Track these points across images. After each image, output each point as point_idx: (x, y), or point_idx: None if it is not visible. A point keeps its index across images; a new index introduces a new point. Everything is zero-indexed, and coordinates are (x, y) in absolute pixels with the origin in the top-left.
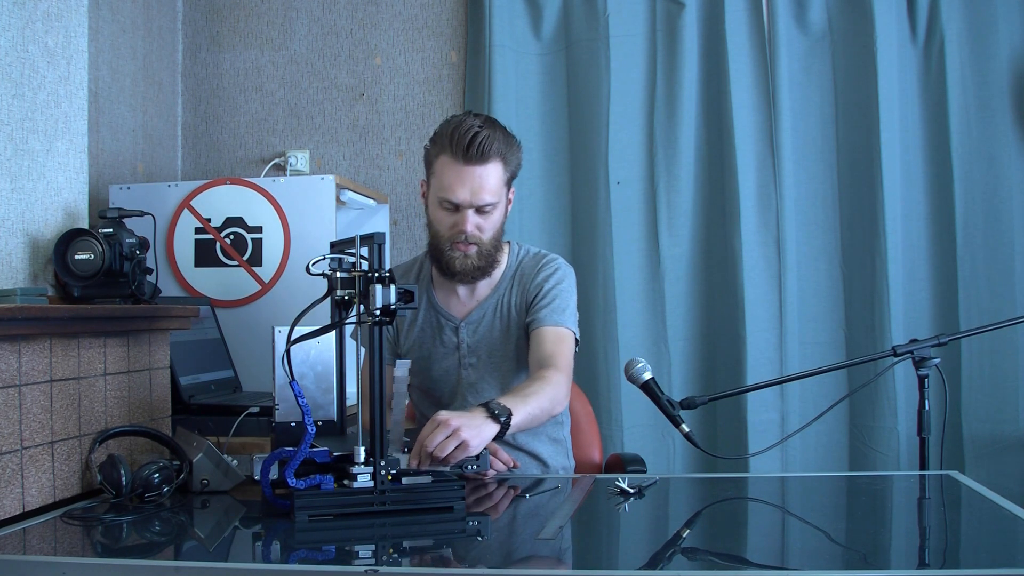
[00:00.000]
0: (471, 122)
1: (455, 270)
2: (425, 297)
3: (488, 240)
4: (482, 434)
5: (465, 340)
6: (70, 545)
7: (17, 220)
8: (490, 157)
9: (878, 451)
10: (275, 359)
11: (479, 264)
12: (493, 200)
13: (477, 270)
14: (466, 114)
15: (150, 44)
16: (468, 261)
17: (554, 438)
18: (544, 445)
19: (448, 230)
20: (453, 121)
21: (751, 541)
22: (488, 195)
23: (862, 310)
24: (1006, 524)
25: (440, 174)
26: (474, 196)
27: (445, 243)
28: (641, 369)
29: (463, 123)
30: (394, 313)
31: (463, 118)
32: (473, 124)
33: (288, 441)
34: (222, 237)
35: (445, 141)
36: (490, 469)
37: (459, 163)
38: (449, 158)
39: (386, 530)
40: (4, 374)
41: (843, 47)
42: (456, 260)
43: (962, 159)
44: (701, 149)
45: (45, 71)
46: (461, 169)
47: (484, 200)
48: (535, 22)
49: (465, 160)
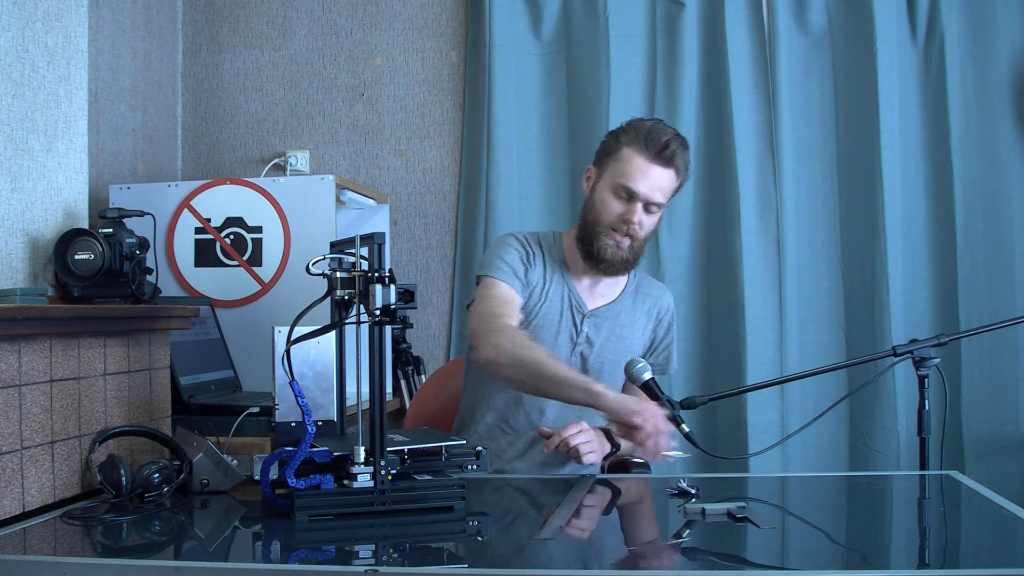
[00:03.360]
0: (665, 128)
1: (605, 257)
2: (560, 273)
3: (641, 239)
4: (603, 448)
5: (586, 330)
6: (70, 545)
7: (17, 220)
8: (675, 164)
9: (878, 451)
10: (275, 359)
11: (627, 257)
12: (663, 202)
13: (624, 263)
14: (653, 120)
15: (150, 44)
16: (620, 252)
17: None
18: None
19: (615, 217)
20: (648, 122)
21: (751, 541)
22: (661, 196)
23: (862, 310)
24: (1006, 524)
25: (625, 162)
26: (651, 192)
27: (604, 228)
28: (641, 369)
29: (658, 126)
30: (394, 313)
31: (655, 122)
32: (668, 131)
33: (288, 441)
34: (222, 237)
35: (638, 137)
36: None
37: (648, 159)
38: (639, 151)
39: (386, 530)
40: (4, 374)
41: (843, 47)
42: (609, 247)
43: (962, 159)
44: (701, 149)
45: (45, 71)
46: (649, 165)
47: (657, 199)
48: (535, 22)
49: (654, 158)
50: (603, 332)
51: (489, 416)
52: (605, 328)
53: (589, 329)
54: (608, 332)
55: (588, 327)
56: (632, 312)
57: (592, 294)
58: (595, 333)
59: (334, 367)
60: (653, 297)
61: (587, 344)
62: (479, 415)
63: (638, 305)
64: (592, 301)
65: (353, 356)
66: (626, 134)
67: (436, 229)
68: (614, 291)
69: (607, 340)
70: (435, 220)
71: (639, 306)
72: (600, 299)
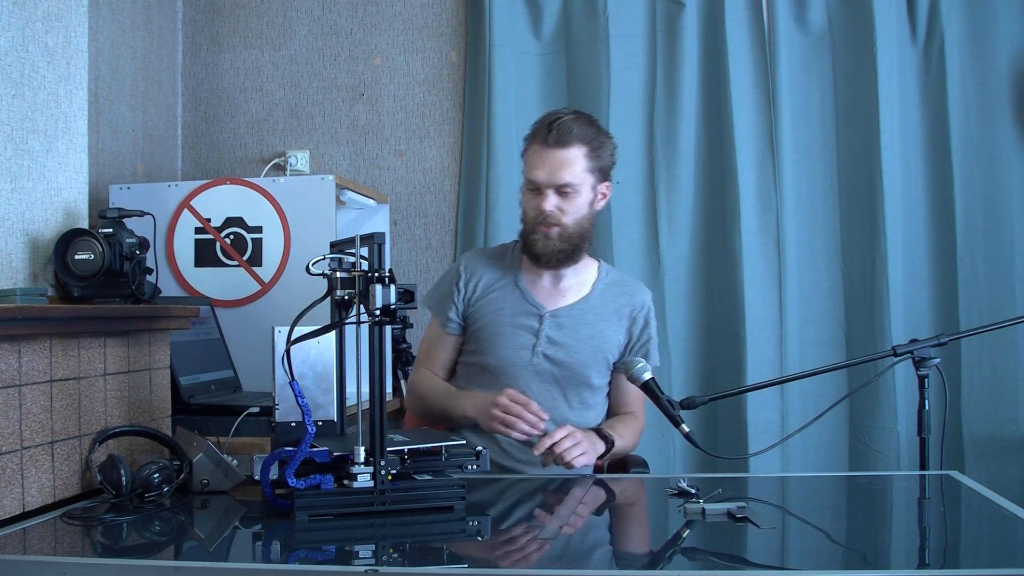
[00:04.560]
0: (559, 112)
1: (537, 251)
2: (512, 278)
3: (571, 224)
4: (596, 449)
5: (546, 331)
6: (70, 545)
7: (17, 220)
8: (570, 141)
9: (878, 451)
10: (275, 359)
11: (561, 247)
12: (572, 181)
13: (560, 252)
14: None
15: (150, 44)
16: (550, 243)
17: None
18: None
19: (532, 211)
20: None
21: (751, 541)
22: (567, 175)
23: (862, 310)
24: (1006, 524)
25: (527, 158)
26: (552, 176)
27: (530, 226)
28: (641, 369)
29: (551, 113)
30: (394, 313)
31: (553, 111)
32: (560, 112)
33: (288, 441)
34: (222, 237)
35: (533, 130)
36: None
37: (542, 147)
38: (533, 142)
39: (386, 530)
40: (4, 374)
41: (843, 47)
42: (539, 241)
43: (962, 159)
44: (701, 149)
45: (45, 71)
46: (542, 150)
47: (562, 179)
48: (535, 22)
49: (545, 143)
50: (568, 332)
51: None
52: (570, 328)
53: (551, 330)
54: (574, 332)
55: (549, 327)
56: (601, 311)
57: (554, 295)
58: (559, 333)
59: (334, 367)
60: (626, 295)
61: (550, 344)
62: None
63: (608, 303)
64: (553, 302)
65: (353, 356)
66: (528, 133)
67: (436, 229)
68: (579, 291)
69: (575, 340)
70: (435, 220)
71: (609, 304)
72: (562, 299)
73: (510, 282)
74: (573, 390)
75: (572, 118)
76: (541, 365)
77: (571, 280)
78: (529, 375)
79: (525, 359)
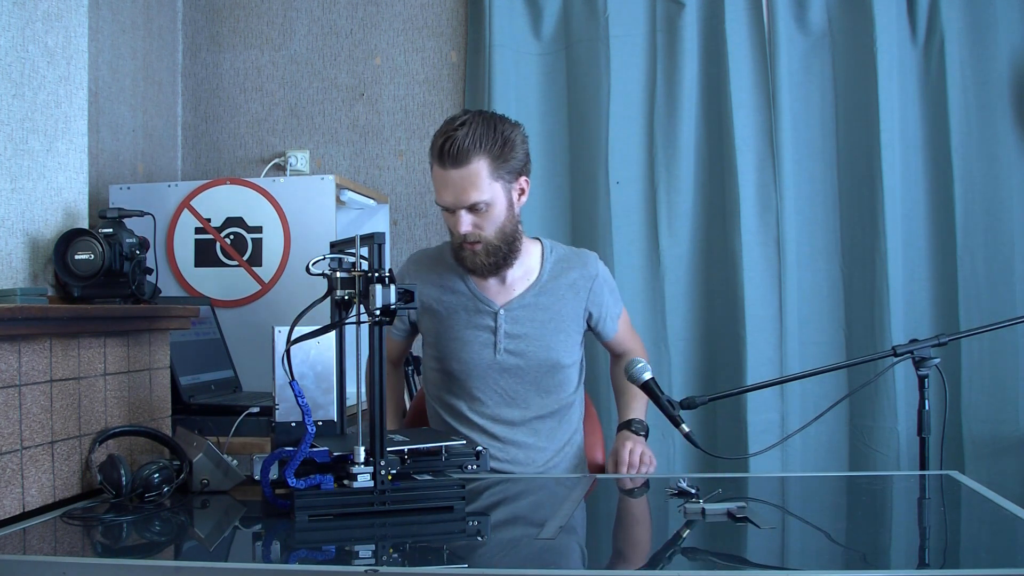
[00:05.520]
0: (449, 125)
1: (469, 266)
2: (460, 281)
3: (493, 236)
4: (646, 446)
5: (503, 327)
6: (70, 545)
7: (17, 220)
8: (467, 158)
9: (878, 451)
10: (275, 359)
11: (488, 261)
12: (482, 198)
13: (490, 265)
14: (456, 115)
15: (150, 44)
16: (477, 259)
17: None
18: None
19: (453, 231)
20: (441, 127)
21: (751, 541)
22: (474, 194)
23: (862, 310)
24: (1006, 524)
25: (433, 180)
26: (457, 199)
27: (456, 242)
28: (641, 369)
29: (445, 127)
30: (394, 313)
31: (448, 121)
32: (451, 128)
33: (288, 441)
34: (222, 237)
35: (432, 146)
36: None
37: (441, 168)
38: (435, 164)
39: (386, 530)
40: (4, 374)
41: (843, 47)
42: (467, 258)
43: (962, 159)
44: (701, 149)
45: (45, 71)
46: (443, 173)
47: (470, 200)
48: (535, 22)
49: (442, 165)
50: (526, 322)
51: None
52: (527, 318)
53: (507, 324)
54: (531, 320)
55: (505, 322)
56: (553, 292)
57: (503, 290)
58: (516, 327)
59: (334, 367)
60: (575, 269)
61: (511, 339)
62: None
63: (559, 282)
64: (504, 296)
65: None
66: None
67: (436, 229)
68: (527, 279)
69: (534, 329)
70: (435, 220)
71: (560, 282)
72: (512, 292)
73: (458, 283)
74: (543, 377)
75: (464, 132)
76: (506, 361)
77: (517, 272)
78: (496, 373)
79: (488, 359)
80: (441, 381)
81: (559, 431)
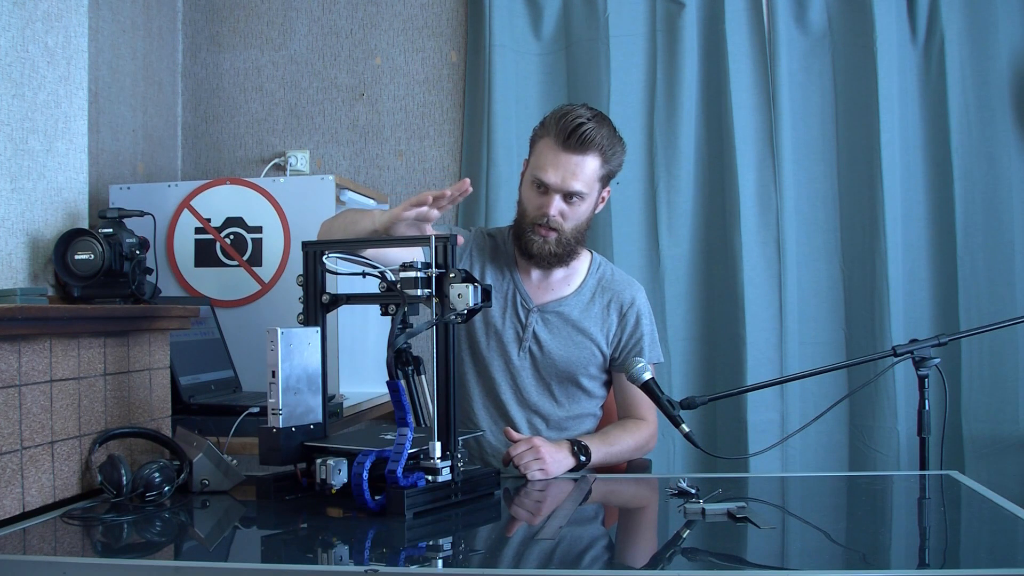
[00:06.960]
0: (580, 112)
1: (532, 252)
2: (507, 269)
3: (570, 230)
4: (561, 465)
5: (533, 326)
6: (70, 545)
7: (17, 220)
8: (589, 148)
9: (878, 451)
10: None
11: (556, 251)
12: (582, 190)
13: (553, 256)
14: (580, 105)
15: (150, 44)
16: (546, 246)
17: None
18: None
19: (534, 210)
20: (564, 108)
21: (751, 541)
22: (579, 184)
23: (862, 310)
24: (1006, 524)
25: (539, 154)
26: (564, 182)
27: (528, 223)
28: (641, 369)
29: (572, 111)
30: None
31: (575, 107)
32: (582, 114)
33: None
34: (222, 237)
35: (551, 125)
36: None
37: (558, 147)
38: (551, 141)
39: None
40: (4, 374)
41: (843, 47)
42: (535, 243)
43: (962, 159)
44: (701, 149)
45: (45, 71)
46: (559, 154)
47: (573, 187)
48: (535, 22)
49: (564, 146)
50: (553, 329)
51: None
52: (555, 325)
53: (536, 325)
54: (558, 331)
55: (535, 322)
56: (587, 309)
57: (542, 289)
58: (544, 330)
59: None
60: (614, 292)
61: (535, 341)
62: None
63: (596, 300)
64: (542, 295)
65: None
66: (543, 125)
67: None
68: (569, 286)
69: (558, 340)
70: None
71: (597, 301)
72: (550, 294)
73: (507, 273)
74: (560, 386)
75: (594, 124)
76: (527, 359)
77: (561, 273)
78: (513, 368)
79: (514, 353)
80: (462, 360)
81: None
